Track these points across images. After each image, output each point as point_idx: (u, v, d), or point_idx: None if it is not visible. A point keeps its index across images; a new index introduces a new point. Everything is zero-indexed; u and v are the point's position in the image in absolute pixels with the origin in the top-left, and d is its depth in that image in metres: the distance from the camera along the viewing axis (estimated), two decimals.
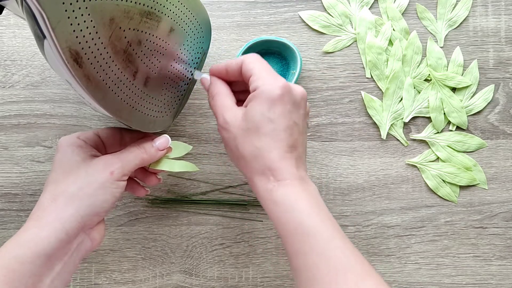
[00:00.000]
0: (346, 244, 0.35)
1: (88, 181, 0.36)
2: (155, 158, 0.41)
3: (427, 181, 0.52)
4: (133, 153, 0.39)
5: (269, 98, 0.36)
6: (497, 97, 0.53)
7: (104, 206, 0.37)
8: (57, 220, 0.35)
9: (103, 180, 0.36)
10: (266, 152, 0.37)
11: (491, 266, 0.52)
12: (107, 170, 0.37)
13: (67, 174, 0.37)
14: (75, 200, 0.36)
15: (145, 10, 0.36)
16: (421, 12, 0.53)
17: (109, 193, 0.37)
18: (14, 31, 0.53)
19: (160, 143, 0.41)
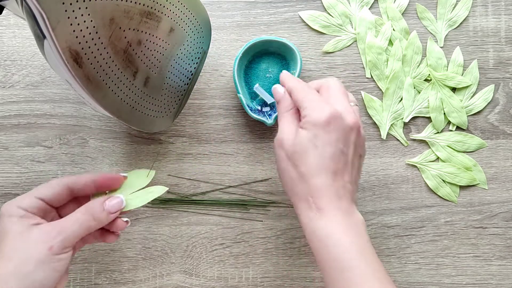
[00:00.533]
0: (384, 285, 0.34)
1: (25, 258, 0.33)
2: (105, 222, 0.38)
3: (427, 181, 0.52)
4: (78, 221, 0.36)
5: (316, 125, 0.37)
6: (497, 97, 0.53)
7: (45, 284, 0.33)
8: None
9: (41, 256, 0.33)
10: (310, 178, 0.37)
11: (491, 266, 0.52)
12: (45, 245, 0.34)
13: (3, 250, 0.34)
14: (12, 280, 0.32)
15: (145, 10, 0.36)
16: (421, 12, 0.53)
17: (50, 269, 0.33)
18: (14, 31, 0.53)
19: (112, 205, 0.38)
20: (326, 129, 0.37)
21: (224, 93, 0.53)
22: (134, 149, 0.52)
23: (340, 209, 0.36)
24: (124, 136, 0.53)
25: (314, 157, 0.37)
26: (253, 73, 0.53)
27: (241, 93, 0.50)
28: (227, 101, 0.53)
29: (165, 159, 0.52)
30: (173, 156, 0.53)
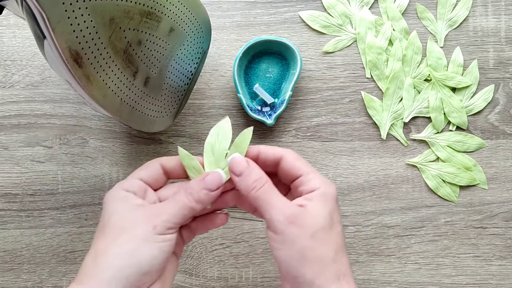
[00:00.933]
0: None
1: (130, 237, 0.32)
2: (208, 202, 0.35)
3: (427, 181, 0.52)
4: (179, 203, 0.34)
5: (332, 199, 0.34)
6: (497, 97, 0.53)
7: (152, 264, 0.32)
8: (99, 280, 0.31)
9: (146, 235, 0.32)
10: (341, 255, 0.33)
11: (491, 266, 0.52)
12: (149, 224, 0.33)
13: (108, 231, 0.33)
14: (116, 259, 0.31)
15: (145, 10, 0.36)
16: (421, 12, 0.53)
17: (155, 248, 0.32)
18: (14, 31, 0.53)
19: (211, 182, 0.35)
20: (337, 204, 0.35)
21: (224, 93, 0.53)
22: (134, 149, 0.52)
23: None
24: (124, 136, 0.53)
25: (340, 232, 0.34)
26: (253, 73, 0.53)
27: (241, 93, 0.50)
28: (227, 101, 0.53)
29: None
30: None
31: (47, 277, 0.52)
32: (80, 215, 0.52)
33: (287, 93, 0.50)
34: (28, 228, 0.52)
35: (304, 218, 0.33)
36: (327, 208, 0.34)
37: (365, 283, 0.52)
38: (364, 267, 0.52)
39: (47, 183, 0.52)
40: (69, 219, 0.52)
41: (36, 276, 0.51)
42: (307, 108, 0.53)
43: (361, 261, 0.52)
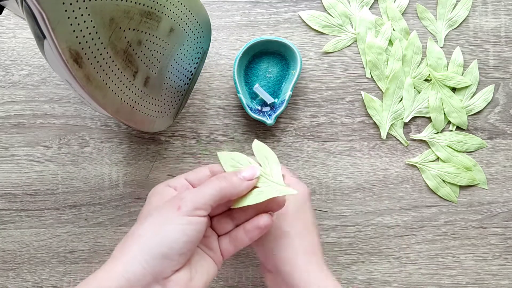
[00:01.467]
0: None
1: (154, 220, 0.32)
2: (239, 188, 0.35)
3: (427, 181, 0.52)
4: (210, 184, 0.34)
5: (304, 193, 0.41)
6: (497, 97, 0.53)
7: (173, 247, 0.31)
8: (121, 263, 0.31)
9: (169, 216, 0.32)
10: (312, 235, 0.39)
11: (491, 266, 0.52)
12: (174, 206, 0.32)
13: (139, 219, 0.34)
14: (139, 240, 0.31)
15: (145, 10, 0.36)
16: (421, 12, 0.53)
17: (177, 231, 0.31)
18: (14, 31, 0.53)
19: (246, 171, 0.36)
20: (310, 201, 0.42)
21: (224, 93, 0.53)
22: (134, 149, 0.52)
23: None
24: (124, 136, 0.53)
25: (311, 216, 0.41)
26: (253, 73, 0.53)
27: (241, 93, 0.50)
28: (227, 101, 0.53)
29: (165, 159, 0.52)
30: (173, 156, 0.53)
31: (47, 277, 0.52)
32: (80, 215, 0.52)
33: (287, 93, 0.50)
34: (28, 228, 0.52)
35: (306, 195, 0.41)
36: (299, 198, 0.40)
37: (365, 283, 0.52)
38: (364, 267, 0.52)
39: (47, 183, 0.52)
40: (69, 219, 0.52)
41: (36, 276, 0.51)
42: (307, 108, 0.53)
43: (361, 261, 0.52)
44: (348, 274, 0.52)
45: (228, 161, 0.38)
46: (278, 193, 0.35)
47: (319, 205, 0.52)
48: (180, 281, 0.32)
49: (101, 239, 0.52)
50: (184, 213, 0.32)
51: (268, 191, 0.35)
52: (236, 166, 0.37)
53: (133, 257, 0.30)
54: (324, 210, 0.52)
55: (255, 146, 0.39)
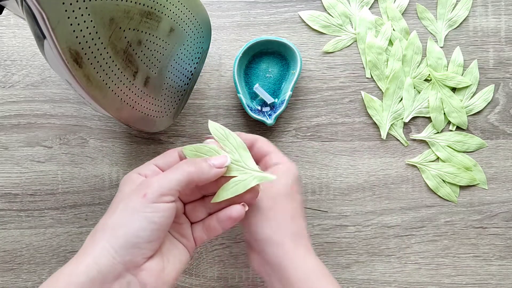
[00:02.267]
0: None
1: (121, 209, 0.32)
2: (208, 175, 0.34)
3: (427, 181, 0.52)
4: (178, 169, 0.33)
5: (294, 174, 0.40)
6: (497, 97, 0.53)
7: (140, 235, 0.31)
8: (90, 255, 0.30)
9: (135, 204, 0.31)
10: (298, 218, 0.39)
11: (491, 266, 0.52)
12: (140, 193, 0.32)
13: (109, 209, 0.34)
14: (107, 231, 0.31)
15: (145, 10, 0.36)
16: (421, 12, 0.53)
17: (143, 219, 0.31)
18: (14, 31, 0.53)
19: (215, 159, 0.35)
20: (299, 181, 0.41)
21: (224, 93, 0.53)
22: (134, 149, 0.52)
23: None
24: (124, 136, 0.53)
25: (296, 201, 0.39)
26: (253, 73, 0.53)
27: (241, 93, 0.50)
28: (227, 101, 0.53)
29: None
30: None
31: (47, 277, 0.51)
32: (80, 215, 0.52)
33: (287, 93, 0.50)
34: (28, 228, 0.52)
35: (267, 186, 0.38)
36: (288, 180, 0.39)
37: (365, 283, 0.52)
38: (364, 267, 0.52)
39: (47, 183, 0.52)
40: (69, 219, 0.52)
41: (36, 276, 0.51)
42: (307, 108, 0.53)
43: (361, 261, 0.52)
44: (348, 274, 0.52)
45: (194, 154, 0.37)
46: (257, 181, 0.35)
47: (319, 205, 0.52)
48: (153, 270, 0.32)
49: None
50: (150, 200, 0.31)
51: (246, 181, 0.35)
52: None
53: (103, 248, 0.30)
54: (324, 210, 0.52)
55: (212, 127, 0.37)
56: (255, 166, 0.37)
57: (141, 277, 0.31)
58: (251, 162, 0.37)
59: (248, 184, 0.35)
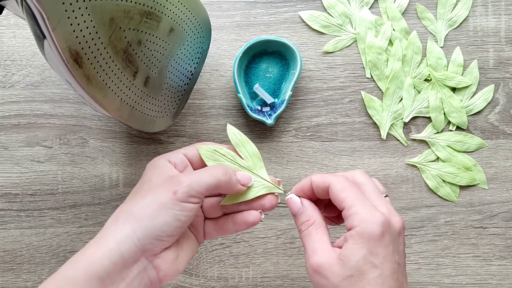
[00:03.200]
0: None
1: (149, 200, 0.33)
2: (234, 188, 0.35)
3: (427, 181, 0.52)
4: (208, 172, 0.34)
5: (370, 239, 0.31)
6: (497, 97, 0.53)
7: (164, 230, 0.32)
8: (113, 240, 0.32)
9: (164, 200, 0.32)
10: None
11: (491, 266, 0.52)
12: (170, 190, 0.33)
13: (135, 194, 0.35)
14: (132, 220, 0.32)
15: (145, 10, 0.36)
16: (421, 12, 0.53)
17: (170, 216, 0.32)
18: (14, 31, 0.53)
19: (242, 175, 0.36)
20: (383, 242, 0.31)
21: (224, 93, 0.53)
22: (134, 149, 0.52)
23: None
24: (124, 136, 0.53)
25: (375, 278, 0.31)
26: (253, 73, 0.53)
27: (241, 93, 0.50)
28: (227, 101, 0.53)
29: None
30: None
31: (47, 277, 0.51)
32: (80, 215, 0.52)
33: (287, 93, 0.50)
34: (28, 228, 0.52)
35: (330, 268, 0.32)
36: (361, 252, 0.31)
37: None
38: None
39: (47, 183, 0.52)
40: (69, 219, 0.52)
41: (36, 276, 0.51)
42: (307, 108, 0.53)
43: None
44: None
45: (210, 155, 0.38)
46: (266, 190, 0.37)
47: None
48: (168, 258, 0.33)
49: None
50: (179, 199, 0.32)
51: (256, 189, 0.37)
52: (219, 160, 0.38)
53: (127, 235, 0.32)
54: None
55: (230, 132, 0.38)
56: (266, 176, 0.38)
57: (156, 264, 0.33)
58: (263, 172, 0.38)
59: (257, 192, 0.37)
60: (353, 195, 0.33)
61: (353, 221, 0.32)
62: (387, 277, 0.31)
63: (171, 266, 0.34)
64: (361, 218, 0.32)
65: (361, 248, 0.31)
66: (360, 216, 0.32)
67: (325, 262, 0.32)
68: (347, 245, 0.32)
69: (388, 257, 0.32)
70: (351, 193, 0.34)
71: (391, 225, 0.33)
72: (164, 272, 0.33)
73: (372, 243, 0.31)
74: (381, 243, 0.32)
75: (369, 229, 0.32)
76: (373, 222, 0.32)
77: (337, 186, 0.34)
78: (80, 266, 0.31)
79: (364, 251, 0.31)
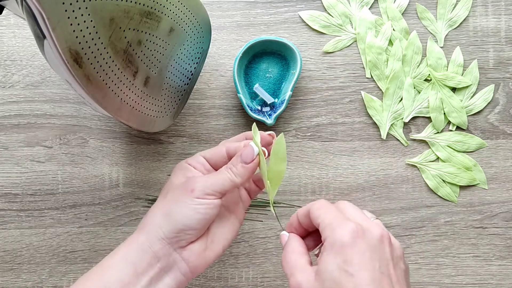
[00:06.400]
0: None
1: (171, 198, 0.38)
2: (245, 174, 0.38)
3: (427, 181, 0.52)
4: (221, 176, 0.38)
5: (342, 246, 0.31)
6: (497, 97, 0.53)
7: (186, 223, 0.36)
8: (144, 234, 0.37)
9: (182, 197, 0.37)
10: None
11: (491, 266, 0.52)
12: (188, 188, 0.37)
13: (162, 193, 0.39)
14: (157, 216, 0.37)
15: (145, 10, 0.36)
16: (421, 12, 0.53)
17: (189, 209, 0.36)
18: (14, 31, 0.53)
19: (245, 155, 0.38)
20: (356, 249, 0.31)
21: (224, 93, 0.53)
22: (134, 149, 0.52)
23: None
24: (124, 136, 0.53)
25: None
26: (253, 73, 0.53)
27: (241, 93, 0.50)
28: (227, 101, 0.53)
29: (165, 159, 0.52)
30: (173, 156, 0.53)
31: (47, 277, 0.52)
32: (80, 215, 0.52)
33: (287, 93, 0.50)
34: (28, 228, 0.52)
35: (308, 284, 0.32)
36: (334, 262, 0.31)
37: None
38: None
39: (47, 183, 0.52)
40: (69, 219, 0.52)
41: (36, 276, 0.51)
42: (307, 108, 0.53)
43: None
44: None
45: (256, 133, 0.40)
46: None
47: None
48: (195, 250, 0.37)
49: (101, 239, 0.52)
50: (197, 196, 0.36)
51: None
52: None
53: (153, 231, 0.36)
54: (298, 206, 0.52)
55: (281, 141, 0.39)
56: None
57: (184, 256, 0.37)
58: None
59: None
60: (329, 212, 0.34)
61: (325, 233, 0.32)
62: (365, 286, 0.30)
63: (198, 258, 0.37)
64: (332, 228, 0.32)
65: (334, 258, 0.31)
66: (331, 226, 0.32)
67: (303, 280, 0.32)
68: (321, 257, 0.32)
69: (365, 264, 0.30)
70: (327, 210, 0.34)
71: (366, 232, 0.32)
72: (193, 263, 0.37)
73: (345, 251, 0.31)
74: (354, 250, 0.31)
75: (339, 236, 0.31)
76: (343, 229, 0.32)
77: (315, 206, 0.35)
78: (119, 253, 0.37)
79: (338, 260, 0.31)
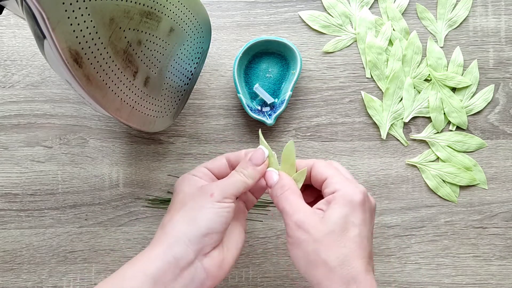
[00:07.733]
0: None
1: (191, 206, 0.37)
2: (256, 176, 0.39)
3: (427, 181, 0.52)
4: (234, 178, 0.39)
5: (352, 202, 0.35)
6: (497, 97, 0.53)
7: (211, 227, 0.36)
8: (165, 243, 0.35)
9: (203, 202, 0.37)
10: (352, 260, 0.34)
11: (491, 266, 0.52)
12: (207, 194, 0.37)
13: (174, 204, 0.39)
14: (180, 224, 0.36)
15: (145, 10, 0.36)
16: (421, 12, 0.53)
17: (212, 213, 0.36)
18: (14, 31, 0.53)
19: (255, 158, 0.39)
20: (362, 208, 0.36)
21: (224, 93, 0.53)
22: (134, 149, 0.52)
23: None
24: (124, 136, 0.53)
25: (355, 236, 0.35)
26: (253, 73, 0.53)
27: (241, 93, 0.50)
28: (227, 101, 0.53)
29: (165, 159, 0.52)
30: (173, 156, 0.53)
31: (47, 277, 0.52)
32: (80, 215, 0.52)
33: (287, 93, 0.51)
34: (28, 228, 0.52)
35: (312, 223, 0.35)
36: (342, 211, 0.35)
37: None
38: None
39: (47, 183, 0.52)
40: (69, 219, 0.52)
41: (36, 276, 0.51)
42: (307, 108, 0.53)
43: None
44: None
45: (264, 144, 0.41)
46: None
47: None
48: (215, 258, 0.36)
49: (101, 239, 0.52)
50: (217, 200, 0.37)
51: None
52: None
53: (177, 239, 0.35)
54: None
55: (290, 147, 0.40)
56: None
57: (205, 264, 0.36)
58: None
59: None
60: (335, 172, 0.38)
61: (335, 187, 0.36)
62: (364, 238, 0.35)
63: (218, 268, 0.36)
64: (345, 185, 0.36)
65: (344, 208, 0.35)
66: (343, 183, 0.36)
67: (308, 218, 0.35)
68: (329, 206, 0.36)
69: (366, 222, 0.36)
70: (333, 170, 0.38)
71: (369, 199, 0.37)
72: (213, 273, 0.36)
73: (354, 206, 0.35)
74: (361, 208, 0.35)
75: (352, 193, 0.36)
76: (356, 188, 0.36)
77: (320, 163, 0.39)
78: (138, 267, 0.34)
79: (347, 210, 0.35)
